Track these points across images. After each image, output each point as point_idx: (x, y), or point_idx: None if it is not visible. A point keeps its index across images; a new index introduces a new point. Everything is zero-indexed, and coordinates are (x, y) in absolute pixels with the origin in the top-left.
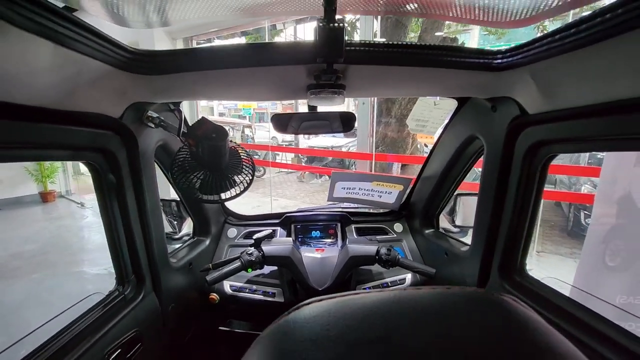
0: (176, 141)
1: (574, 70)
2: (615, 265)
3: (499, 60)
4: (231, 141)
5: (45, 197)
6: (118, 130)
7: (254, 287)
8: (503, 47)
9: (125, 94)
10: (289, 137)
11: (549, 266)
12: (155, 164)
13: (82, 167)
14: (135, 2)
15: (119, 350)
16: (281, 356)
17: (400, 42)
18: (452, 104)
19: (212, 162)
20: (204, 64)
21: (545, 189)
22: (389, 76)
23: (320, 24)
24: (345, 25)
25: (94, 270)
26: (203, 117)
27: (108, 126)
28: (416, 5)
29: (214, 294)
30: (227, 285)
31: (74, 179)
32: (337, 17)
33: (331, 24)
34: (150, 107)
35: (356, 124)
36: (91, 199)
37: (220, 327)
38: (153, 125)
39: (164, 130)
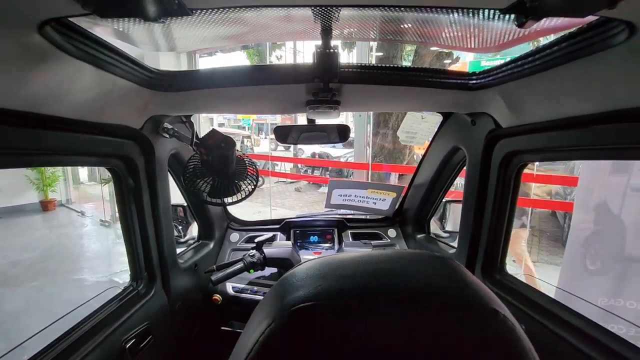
0: (187, 150)
1: (533, 91)
2: (595, 268)
3: (474, 81)
4: (238, 150)
5: (45, 205)
6: (138, 140)
7: (255, 288)
8: (482, 68)
9: (146, 107)
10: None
11: (544, 276)
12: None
13: (82, 177)
14: (144, 29)
15: (133, 340)
16: (286, 287)
17: (387, 65)
18: (438, 118)
19: (220, 169)
20: (215, 82)
21: (541, 199)
22: (378, 94)
23: (318, 50)
24: (339, 49)
25: (93, 278)
26: (213, 129)
27: (130, 136)
28: (407, 30)
29: (217, 295)
30: (229, 287)
31: (75, 188)
32: (333, 43)
33: (327, 50)
34: (165, 119)
35: (353, 135)
36: (91, 208)
37: (222, 328)
38: (168, 136)
39: (177, 140)
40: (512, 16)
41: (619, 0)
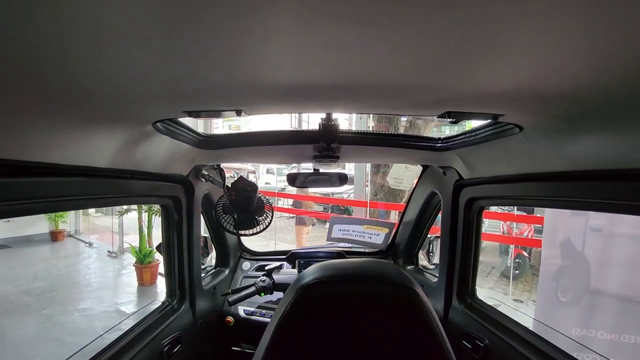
0: (215, 191)
1: (479, 156)
2: (566, 300)
3: (439, 144)
4: (259, 193)
5: (55, 236)
6: (184, 184)
7: (264, 311)
8: (445, 135)
9: (193, 160)
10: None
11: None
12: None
13: (90, 209)
14: None
15: (169, 345)
16: (303, 276)
17: (376, 132)
18: (419, 167)
19: (245, 207)
20: (245, 142)
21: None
22: (368, 151)
23: (323, 122)
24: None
25: (100, 308)
26: (241, 176)
27: (180, 181)
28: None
29: (230, 317)
30: (241, 310)
31: (83, 220)
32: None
33: (330, 122)
34: (203, 168)
35: (353, 174)
36: (97, 239)
37: (233, 348)
38: (204, 180)
39: (211, 183)
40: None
41: (499, 116)
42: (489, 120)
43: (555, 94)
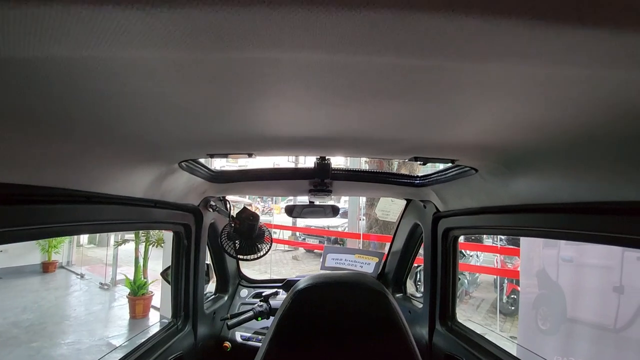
0: (220, 221)
1: (449, 192)
2: (546, 328)
3: (417, 181)
4: (260, 223)
5: (46, 267)
6: (195, 213)
7: (260, 337)
8: (421, 173)
9: (204, 192)
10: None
11: None
12: None
13: (83, 240)
14: None
15: None
16: (298, 284)
17: (364, 170)
18: (404, 201)
19: (247, 235)
20: (249, 178)
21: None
22: (358, 186)
23: (317, 161)
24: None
25: (90, 341)
26: (245, 207)
27: (191, 210)
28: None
29: (227, 342)
30: (238, 335)
31: (76, 251)
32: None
33: (323, 162)
34: (212, 199)
35: (347, 207)
36: (89, 270)
37: None
38: (211, 210)
39: (218, 213)
40: None
41: (455, 160)
42: (450, 164)
43: (494, 146)
